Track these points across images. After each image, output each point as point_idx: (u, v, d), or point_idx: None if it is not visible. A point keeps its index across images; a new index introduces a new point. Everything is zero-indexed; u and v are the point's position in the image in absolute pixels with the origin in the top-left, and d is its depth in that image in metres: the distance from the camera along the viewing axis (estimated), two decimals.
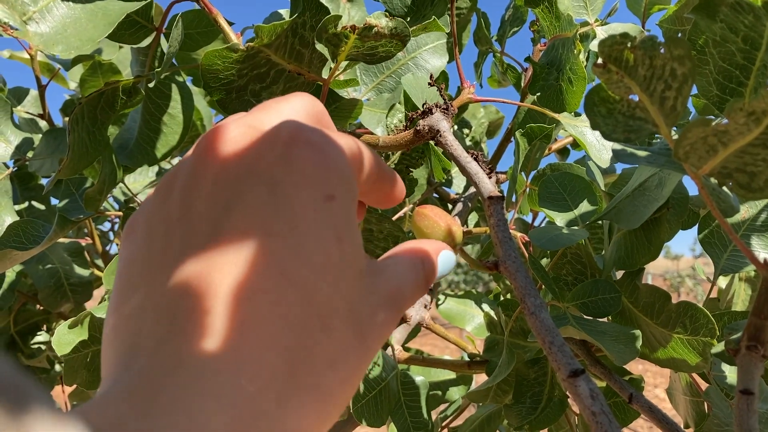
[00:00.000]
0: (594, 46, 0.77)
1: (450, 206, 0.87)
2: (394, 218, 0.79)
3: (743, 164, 0.36)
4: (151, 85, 0.53)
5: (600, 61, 0.36)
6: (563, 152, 0.98)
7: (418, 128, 0.51)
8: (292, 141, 0.24)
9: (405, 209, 0.83)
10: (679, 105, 0.37)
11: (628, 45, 0.36)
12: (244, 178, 0.24)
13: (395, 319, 0.28)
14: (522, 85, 0.87)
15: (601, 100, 0.40)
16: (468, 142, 0.94)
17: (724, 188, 0.44)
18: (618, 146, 0.44)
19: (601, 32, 0.80)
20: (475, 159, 0.50)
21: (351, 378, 0.24)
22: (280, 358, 0.21)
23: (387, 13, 0.46)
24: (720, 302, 0.84)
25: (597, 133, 0.65)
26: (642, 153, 0.43)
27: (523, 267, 0.42)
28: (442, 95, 0.52)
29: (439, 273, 0.32)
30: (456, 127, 0.97)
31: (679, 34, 0.76)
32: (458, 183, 0.92)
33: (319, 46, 0.48)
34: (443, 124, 0.50)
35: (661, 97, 0.37)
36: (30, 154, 0.98)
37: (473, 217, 0.88)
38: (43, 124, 1.03)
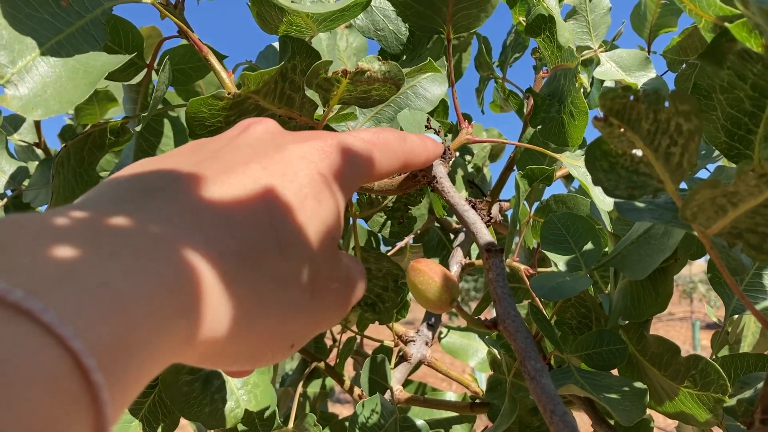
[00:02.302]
0: (598, 73, 0.75)
1: (452, 236, 0.85)
2: (392, 252, 0.77)
3: (754, 225, 0.34)
4: (138, 128, 0.51)
5: (601, 114, 0.34)
6: (569, 177, 0.96)
7: (414, 173, 0.49)
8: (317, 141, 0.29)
9: (404, 241, 0.81)
10: (685, 162, 0.35)
11: (631, 98, 0.34)
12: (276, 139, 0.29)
13: (345, 300, 0.29)
14: (525, 111, 0.85)
15: (603, 153, 0.38)
16: (470, 169, 0.92)
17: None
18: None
19: (605, 58, 0.78)
20: (473, 207, 0.48)
21: (282, 297, 0.25)
22: (234, 241, 0.23)
23: (379, 58, 0.44)
24: (729, 335, 0.81)
25: None
26: (647, 208, 0.41)
27: (524, 326, 0.40)
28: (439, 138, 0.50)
29: None
30: (458, 153, 0.95)
31: (684, 65, 0.74)
32: None
33: (309, 92, 0.47)
34: (440, 169, 0.48)
35: (666, 152, 0.35)
36: (26, 183, 0.97)
37: (476, 248, 0.85)
38: (39, 152, 1.02)
